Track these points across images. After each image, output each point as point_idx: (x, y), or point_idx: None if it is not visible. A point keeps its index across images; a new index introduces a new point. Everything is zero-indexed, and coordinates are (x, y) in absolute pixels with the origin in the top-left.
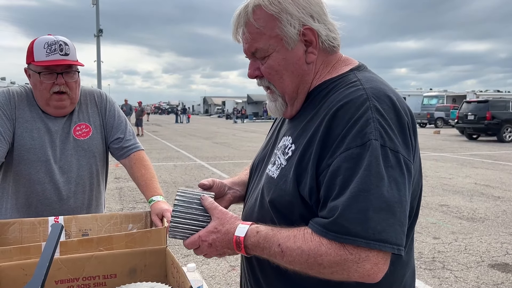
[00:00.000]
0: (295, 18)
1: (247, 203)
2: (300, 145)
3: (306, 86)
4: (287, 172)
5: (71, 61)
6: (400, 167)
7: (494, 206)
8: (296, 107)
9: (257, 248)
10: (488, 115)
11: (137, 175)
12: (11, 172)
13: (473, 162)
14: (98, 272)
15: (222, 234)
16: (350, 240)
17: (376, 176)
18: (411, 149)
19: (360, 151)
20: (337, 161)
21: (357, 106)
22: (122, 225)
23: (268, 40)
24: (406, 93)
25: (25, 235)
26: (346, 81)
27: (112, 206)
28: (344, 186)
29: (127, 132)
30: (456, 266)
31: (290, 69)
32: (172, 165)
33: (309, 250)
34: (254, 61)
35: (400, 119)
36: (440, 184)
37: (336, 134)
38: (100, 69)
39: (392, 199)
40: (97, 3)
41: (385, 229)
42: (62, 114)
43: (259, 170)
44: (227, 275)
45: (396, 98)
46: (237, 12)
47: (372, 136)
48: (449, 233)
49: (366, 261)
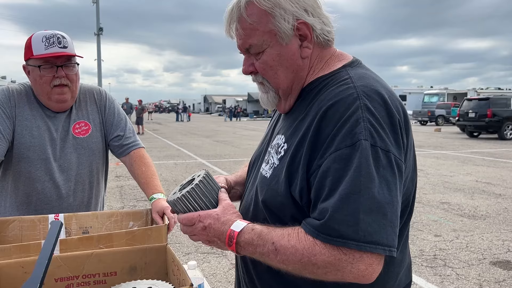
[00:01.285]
0: (288, 13)
1: (243, 200)
2: (292, 145)
3: (301, 81)
4: (279, 172)
5: (70, 53)
6: (391, 167)
7: (495, 204)
8: (289, 103)
9: (250, 246)
10: (489, 112)
11: (137, 173)
12: (11, 171)
13: (474, 159)
14: (98, 270)
15: (220, 222)
16: (341, 242)
17: (366, 177)
18: (402, 148)
19: (349, 152)
20: (327, 162)
21: (347, 105)
22: (122, 222)
23: (262, 35)
24: (407, 91)
25: (25, 233)
26: (337, 78)
27: (113, 204)
28: (334, 188)
29: (127, 130)
30: (457, 263)
31: (285, 64)
32: (173, 163)
33: (303, 250)
34: (248, 57)
35: (391, 118)
36: (441, 182)
37: (325, 134)
38: (101, 68)
39: (383, 200)
40: (97, 1)
41: (376, 230)
42: (64, 109)
43: (255, 168)
44: (228, 273)
45: (388, 95)
46: (229, 8)
47: (362, 136)
48: (450, 231)
49: (360, 262)
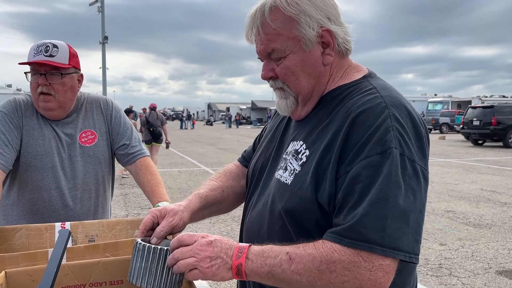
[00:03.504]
0: (313, 20)
1: (252, 209)
2: (317, 151)
3: (321, 88)
4: (303, 178)
5: (52, 62)
6: (417, 176)
7: (501, 212)
8: (307, 109)
9: (260, 258)
10: (493, 120)
11: (143, 181)
12: (18, 180)
13: (479, 167)
14: (104, 278)
15: (226, 239)
16: (367, 247)
17: (394, 185)
18: (427, 158)
19: (380, 159)
20: (357, 168)
21: (377, 114)
22: (128, 231)
23: (286, 41)
24: (411, 98)
25: (32, 241)
26: (361, 88)
27: (117, 212)
28: (364, 193)
29: (132, 139)
30: (463, 272)
31: (307, 70)
32: (177, 171)
33: (321, 257)
34: (269, 62)
35: (417, 129)
36: (446, 190)
37: (355, 141)
38: (106, 76)
39: (408, 208)
40: (103, 10)
41: (400, 237)
42: (54, 117)
43: (263, 174)
44: (233, 281)
45: (411, 107)
46: (252, 12)
47: (392, 144)
48: (455, 240)
49: (379, 269)
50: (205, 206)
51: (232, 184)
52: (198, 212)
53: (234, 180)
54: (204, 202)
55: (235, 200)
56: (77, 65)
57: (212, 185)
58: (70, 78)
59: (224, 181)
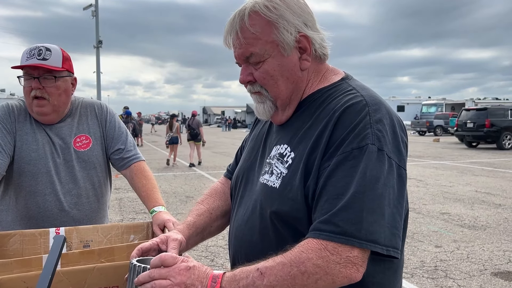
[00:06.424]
0: (291, 25)
1: (239, 218)
2: (302, 152)
3: (299, 93)
4: (291, 180)
5: (46, 65)
6: (393, 172)
7: (495, 214)
8: (287, 113)
9: (233, 282)
10: (487, 122)
11: (138, 186)
12: (12, 185)
13: (473, 169)
14: (100, 284)
15: (204, 267)
16: (344, 239)
17: (371, 179)
18: (403, 155)
19: (357, 154)
20: (334, 163)
21: (357, 111)
22: (123, 236)
23: (264, 45)
24: (405, 101)
25: (26, 247)
26: (341, 89)
27: (112, 217)
28: (339, 187)
29: (127, 143)
30: (458, 274)
31: (285, 75)
32: (172, 175)
33: (290, 261)
34: (247, 67)
35: (394, 127)
36: (440, 192)
37: (336, 137)
38: (100, 80)
39: (384, 202)
40: (97, 15)
41: (377, 230)
42: (48, 122)
43: (247, 181)
44: None
45: (388, 106)
46: (231, 18)
47: (369, 140)
48: (451, 242)
49: (347, 262)
50: (195, 233)
51: (219, 204)
52: (189, 240)
53: (220, 200)
54: (193, 229)
55: (225, 220)
56: (70, 68)
57: (199, 209)
58: (63, 81)
59: (211, 203)
